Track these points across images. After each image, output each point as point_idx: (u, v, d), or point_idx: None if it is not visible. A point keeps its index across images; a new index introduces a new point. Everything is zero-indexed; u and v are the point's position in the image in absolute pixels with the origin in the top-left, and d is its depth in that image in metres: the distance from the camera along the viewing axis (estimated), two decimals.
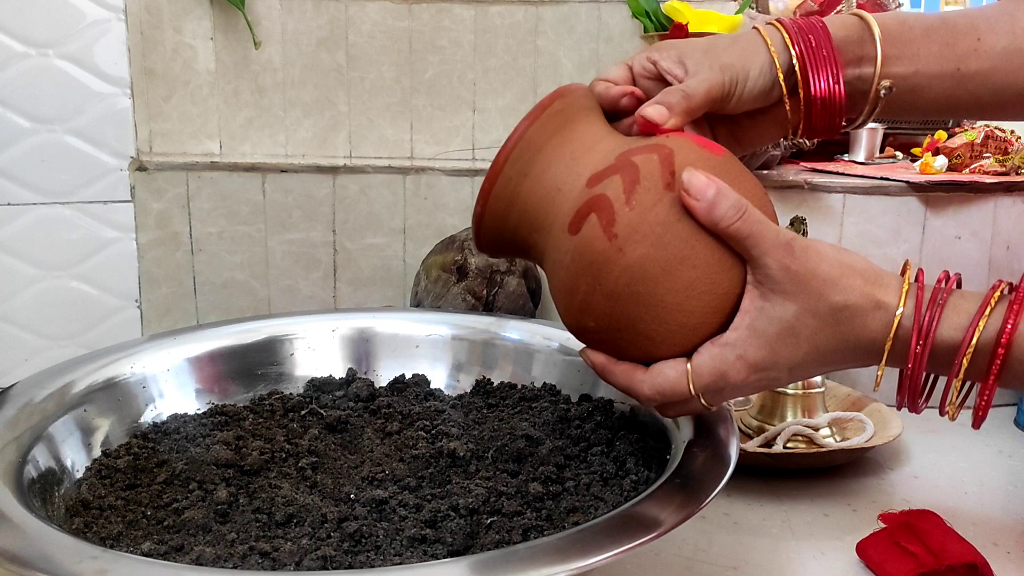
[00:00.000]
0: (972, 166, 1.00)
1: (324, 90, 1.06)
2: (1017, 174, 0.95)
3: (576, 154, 0.52)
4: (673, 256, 0.47)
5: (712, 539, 0.64)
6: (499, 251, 0.58)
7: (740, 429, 0.78)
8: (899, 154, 1.11)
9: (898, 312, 0.46)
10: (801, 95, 0.56)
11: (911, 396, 0.49)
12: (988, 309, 0.45)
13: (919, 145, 1.08)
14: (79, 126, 0.95)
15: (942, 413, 0.49)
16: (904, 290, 0.47)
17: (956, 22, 0.57)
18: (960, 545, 0.58)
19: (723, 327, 0.49)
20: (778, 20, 0.58)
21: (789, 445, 0.77)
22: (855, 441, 0.76)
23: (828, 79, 0.55)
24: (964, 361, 0.45)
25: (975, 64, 0.56)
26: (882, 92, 0.56)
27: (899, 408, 0.50)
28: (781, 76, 0.55)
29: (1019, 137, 1.04)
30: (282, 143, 1.07)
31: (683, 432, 0.57)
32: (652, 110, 0.52)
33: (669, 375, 0.49)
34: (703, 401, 0.49)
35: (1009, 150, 1.01)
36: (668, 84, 0.56)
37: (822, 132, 0.58)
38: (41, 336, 0.98)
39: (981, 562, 0.57)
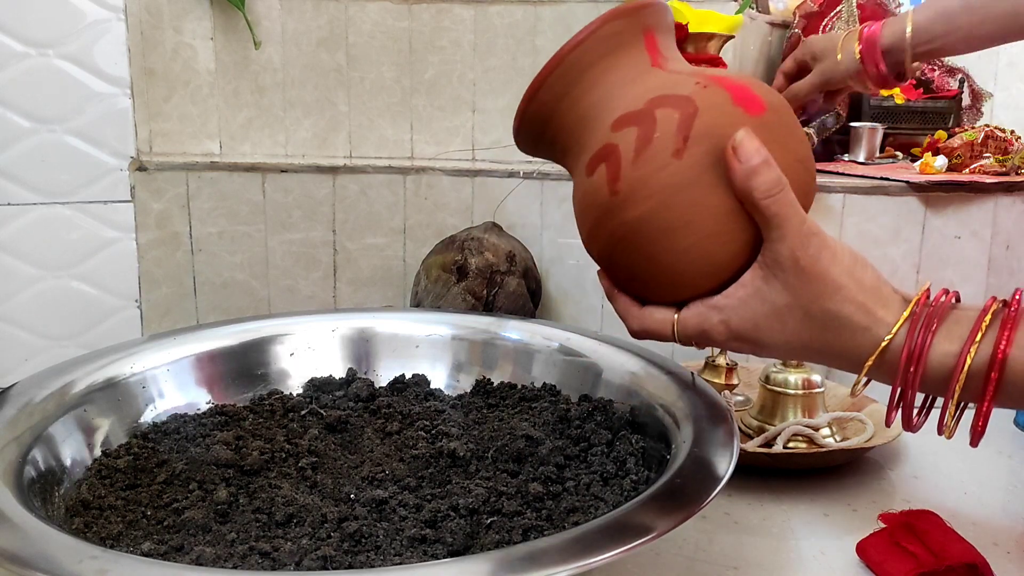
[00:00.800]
0: (972, 166, 1.00)
1: (324, 90, 1.06)
2: (1017, 174, 0.95)
3: (613, 87, 0.52)
4: (672, 221, 0.47)
5: (712, 539, 0.64)
6: (536, 156, 0.60)
7: (740, 429, 0.78)
8: (899, 154, 1.11)
9: (887, 337, 0.46)
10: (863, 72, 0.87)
11: (906, 416, 0.48)
12: (979, 335, 0.45)
13: (919, 145, 1.08)
14: (79, 126, 0.95)
15: (940, 432, 0.49)
16: (905, 314, 0.46)
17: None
18: (960, 545, 0.58)
19: (715, 290, 0.49)
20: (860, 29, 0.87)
21: (789, 445, 0.77)
22: (855, 441, 0.76)
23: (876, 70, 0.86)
24: (957, 388, 0.45)
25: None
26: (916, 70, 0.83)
27: (888, 425, 0.50)
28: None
29: (1019, 137, 1.04)
30: (282, 143, 1.07)
31: (683, 432, 0.57)
32: None
33: (656, 318, 0.52)
34: (681, 343, 0.52)
35: (1009, 150, 1.01)
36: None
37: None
38: (41, 336, 0.98)
39: (981, 562, 0.57)
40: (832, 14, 1.08)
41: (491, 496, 0.54)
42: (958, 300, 0.48)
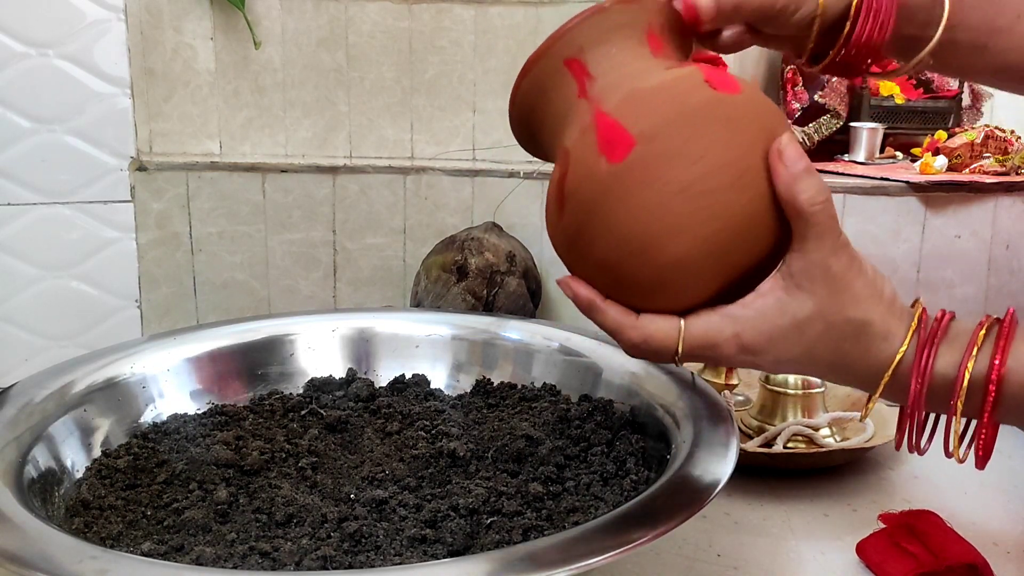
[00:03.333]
0: (972, 166, 1.00)
1: (324, 90, 1.06)
2: (1017, 174, 0.95)
3: (552, 127, 0.51)
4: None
5: (712, 539, 0.64)
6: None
7: (740, 429, 0.78)
8: (899, 154, 1.11)
9: (901, 349, 0.46)
10: (844, 35, 0.54)
11: (911, 435, 0.48)
12: (975, 349, 0.45)
13: (919, 145, 1.08)
14: (79, 126, 0.95)
15: (948, 455, 0.49)
16: (912, 326, 0.46)
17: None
18: (960, 545, 0.58)
19: (720, 295, 0.47)
20: None
21: (789, 445, 0.77)
22: (855, 441, 0.76)
23: (877, 30, 0.54)
24: (959, 404, 0.45)
25: (1004, 42, 0.57)
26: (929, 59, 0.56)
27: (898, 448, 0.50)
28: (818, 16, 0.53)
29: (1019, 137, 1.04)
30: (282, 143, 1.07)
31: (683, 432, 0.57)
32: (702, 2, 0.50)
33: (661, 326, 0.47)
34: (679, 359, 0.48)
35: (1009, 150, 1.01)
36: None
37: (839, 71, 0.57)
38: (41, 336, 0.98)
39: (981, 562, 0.57)
40: None
41: (491, 496, 0.54)
42: (954, 318, 0.48)
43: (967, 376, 0.45)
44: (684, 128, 0.44)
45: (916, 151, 1.08)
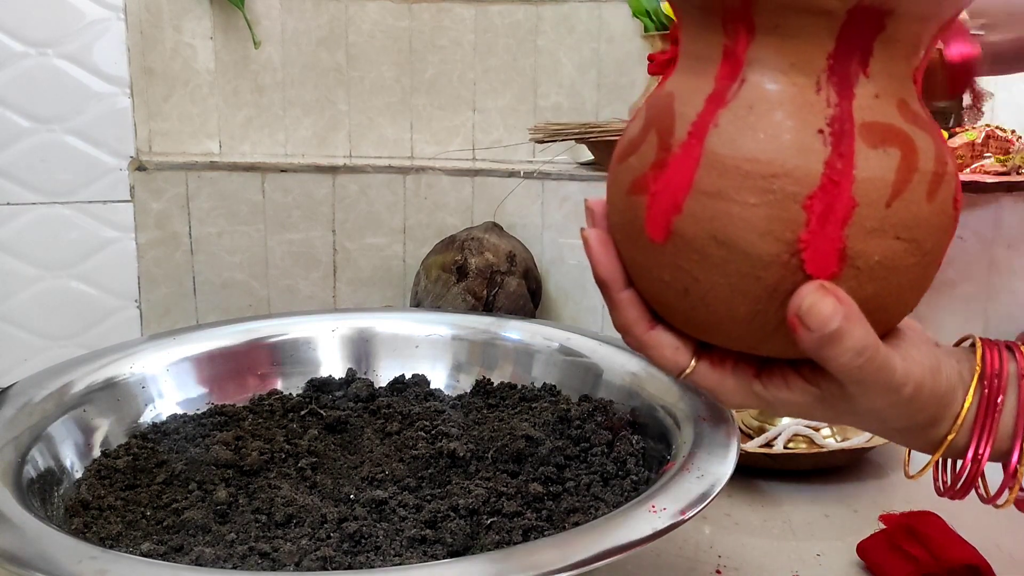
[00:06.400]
0: (973, 166, 1.00)
1: (324, 90, 1.06)
2: (1018, 174, 0.95)
3: None
4: None
5: (713, 539, 0.64)
6: None
7: (741, 429, 0.78)
8: None
9: (950, 437, 0.42)
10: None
11: (963, 489, 0.46)
12: None
13: None
14: (79, 126, 0.95)
15: (985, 502, 0.46)
16: (963, 412, 0.41)
17: None
18: (961, 547, 0.58)
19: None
20: None
21: (790, 445, 0.77)
22: (856, 441, 0.76)
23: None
24: (1020, 479, 0.43)
25: None
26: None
27: (940, 495, 0.47)
28: None
29: (1020, 137, 1.04)
30: (282, 143, 1.07)
31: (684, 433, 0.57)
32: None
33: (667, 354, 0.42)
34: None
35: (1010, 150, 1.01)
36: None
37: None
38: (41, 336, 0.97)
39: (983, 564, 0.57)
40: None
41: (491, 496, 0.54)
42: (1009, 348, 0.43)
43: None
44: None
45: None
